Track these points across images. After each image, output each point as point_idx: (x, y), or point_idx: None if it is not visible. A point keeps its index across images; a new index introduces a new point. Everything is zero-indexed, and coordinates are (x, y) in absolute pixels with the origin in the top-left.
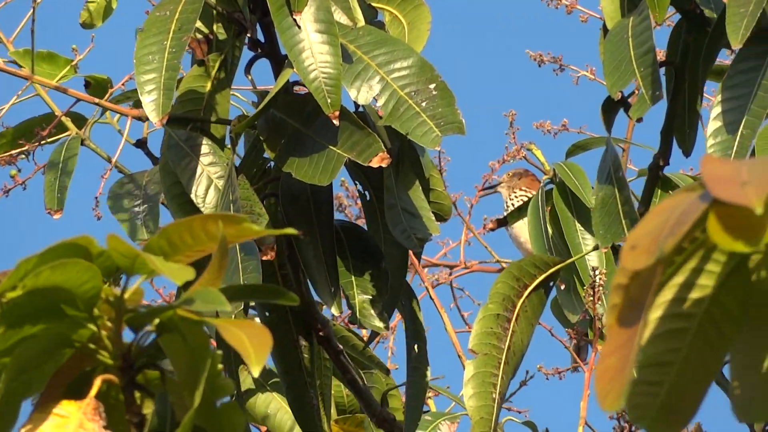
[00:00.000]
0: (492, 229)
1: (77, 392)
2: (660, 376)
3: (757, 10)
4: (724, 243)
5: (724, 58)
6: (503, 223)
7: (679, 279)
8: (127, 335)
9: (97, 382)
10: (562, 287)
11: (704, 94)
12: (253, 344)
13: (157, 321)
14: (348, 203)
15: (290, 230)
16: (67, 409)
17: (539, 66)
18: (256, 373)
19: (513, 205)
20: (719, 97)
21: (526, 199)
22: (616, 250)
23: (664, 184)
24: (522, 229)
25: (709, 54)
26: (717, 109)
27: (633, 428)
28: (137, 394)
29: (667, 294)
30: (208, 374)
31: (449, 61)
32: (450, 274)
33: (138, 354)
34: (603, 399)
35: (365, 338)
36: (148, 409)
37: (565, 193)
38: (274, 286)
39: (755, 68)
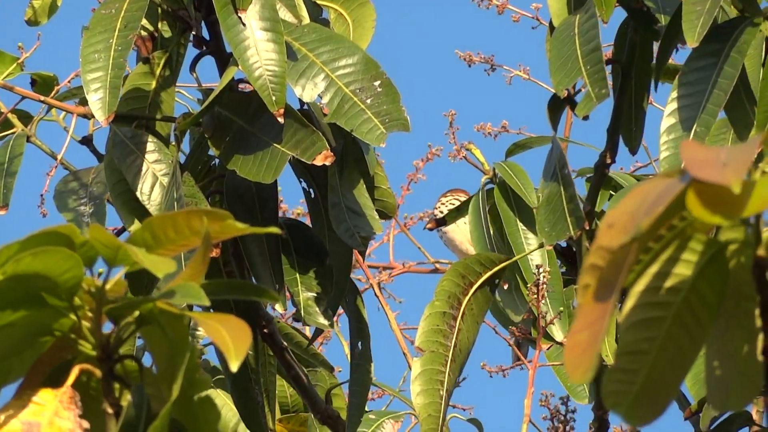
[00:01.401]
0: (431, 229)
1: (57, 381)
2: (636, 365)
3: (714, 7)
4: (703, 216)
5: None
6: (442, 222)
7: (655, 268)
8: (108, 326)
9: (75, 372)
10: (505, 287)
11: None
12: (233, 338)
13: (137, 313)
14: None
15: (273, 229)
16: (43, 397)
17: (469, 66)
18: (234, 368)
19: (442, 211)
20: (674, 94)
21: (456, 202)
22: (557, 251)
23: (607, 183)
24: (455, 232)
25: (661, 53)
26: (672, 106)
27: (567, 429)
28: (115, 385)
29: (644, 283)
30: (186, 367)
31: (390, 60)
32: (389, 275)
33: (117, 345)
34: (572, 372)
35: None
36: (125, 400)
37: (506, 193)
38: (254, 284)
39: (710, 66)
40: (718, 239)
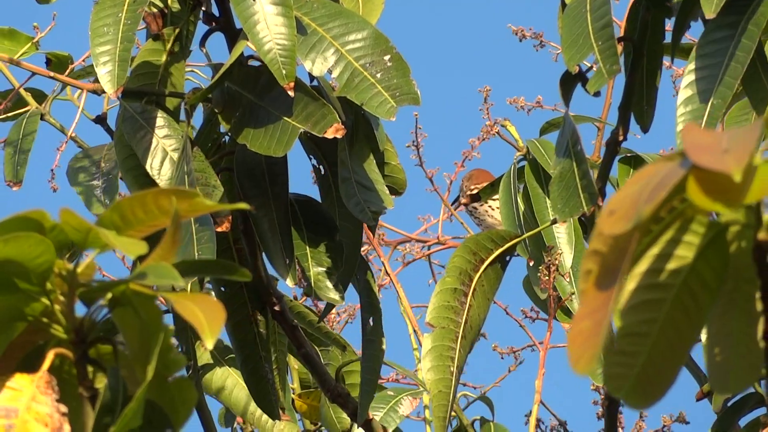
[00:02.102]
0: (465, 205)
1: (31, 366)
2: (636, 347)
3: None
4: (703, 204)
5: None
6: (476, 198)
7: (656, 250)
8: (80, 309)
9: (50, 356)
10: (531, 263)
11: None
12: (207, 317)
13: (109, 295)
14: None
15: (242, 205)
16: (19, 382)
17: (520, 41)
18: (210, 346)
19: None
20: (691, 66)
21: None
22: (583, 224)
23: (637, 164)
24: (484, 214)
25: (677, 29)
26: (689, 78)
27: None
28: (90, 369)
29: (644, 265)
30: (160, 349)
31: (428, 36)
32: (429, 248)
33: (90, 328)
34: (575, 362)
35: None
36: (101, 383)
37: (537, 170)
38: (226, 261)
39: (727, 38)
40: (719, 221)
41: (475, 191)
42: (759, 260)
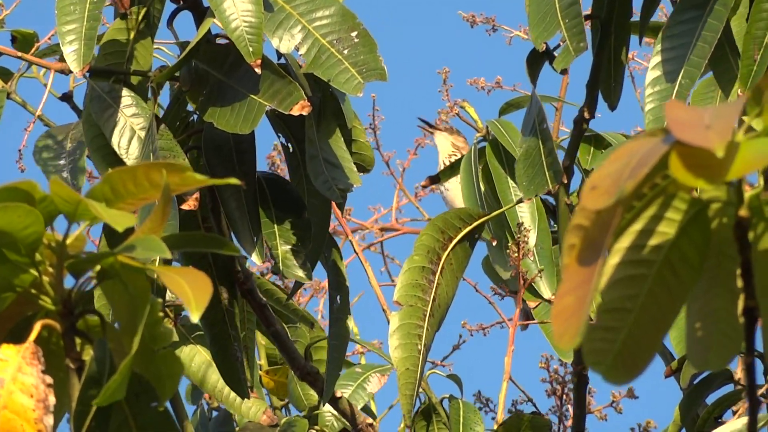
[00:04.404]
0: (424, 186)
1: (19, 337)
2: (618, 322)
3: None
4: (686, 180)
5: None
6: (435, 180)
7: (638, 226)
8: (69, 281)
9: (37, 327)
10: (494, 243)
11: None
12: (194, 290)
13: (98, 267)
14: (281, 163)
15: (232, 180)
16: (6, 352)
17: (471, 27)
18: (195, 319)
19: (445, 163)
20: (658, 47)
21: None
22: (546, 205)
23: (599, 144)
24: (458, 191)
25: (645, 8)
26: (656, 59)
27: (565, 390)
28: (77, 340)
29: (627, 240)
30: (147, 322)
31: (383, 21)
32: (383, 234)
33: (78, 300)
34: (559, 338)
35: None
36: (88, 355)
37: (498, 151)
38: (215, 236)
39: (695, 18)
40: (701, 198)
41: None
42: (740, 237)
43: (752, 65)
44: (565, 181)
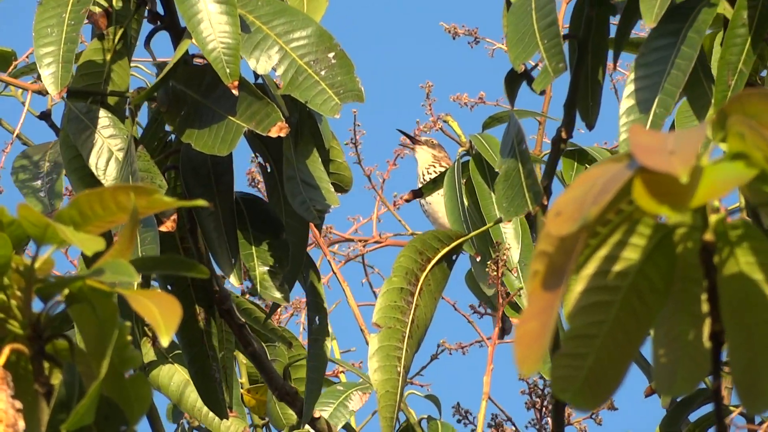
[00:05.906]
0: (407, 200)
1: None
2: (584, 349)
3: None
4: (649, 207)
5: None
6: (418, 194)
7: (604, 252)
8: (37, 305)
9: (6, 352)
10: (478, 259)
11: (613, 69)
12: (163, 315)
13: (66, 291)
14: (260, 179)
15: (200, 202)
16: None
17: (453, 38)
18: (165, 344)
19: (426, 178)
20: (632, 75)
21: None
22: (530, 220)
23: (582, 158)
24: (439, 205)
25: (621, 28)
26: (630, 87)
27: (544, 404)
28: (46, 364)
29: (592, 267)
30: (116, 345)
31: (366, 35)
32: (364, 247)
33: (47, 324)
34: (522, 363)
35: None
36: (57, 379)
37: (481, 165)
38: (183, 258)
39: (669, 46)
40: (666, 224)
41: (437, 166)
42: (706, 262)
43: (726, 91)
44: (546, 203)
